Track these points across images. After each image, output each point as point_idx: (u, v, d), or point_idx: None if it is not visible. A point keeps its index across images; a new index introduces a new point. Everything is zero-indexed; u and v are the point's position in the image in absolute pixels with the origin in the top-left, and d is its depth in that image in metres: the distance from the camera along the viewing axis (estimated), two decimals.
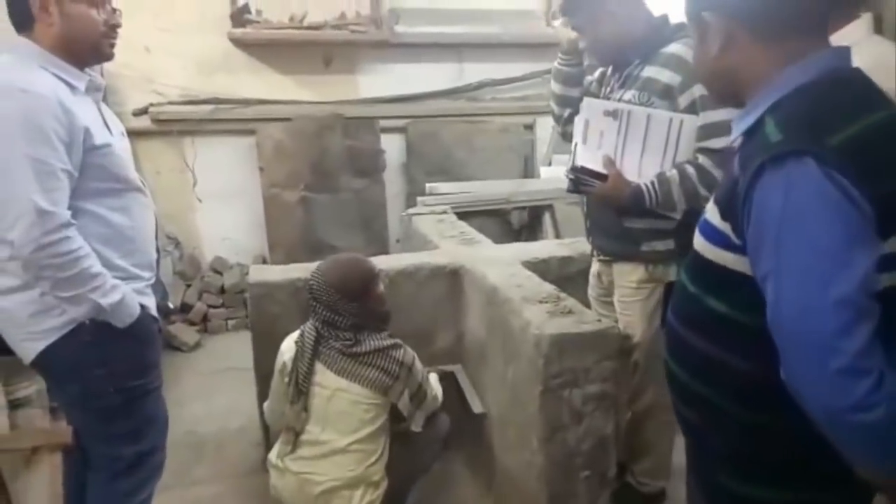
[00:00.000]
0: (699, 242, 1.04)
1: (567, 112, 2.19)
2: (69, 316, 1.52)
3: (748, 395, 0.97)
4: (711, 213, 1.01)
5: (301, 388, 1.82)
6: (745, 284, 0.92)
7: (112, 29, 1.60)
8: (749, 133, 0.98)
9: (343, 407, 1.81)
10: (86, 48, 1.57)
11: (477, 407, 2.31)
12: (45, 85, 1.45)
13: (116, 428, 1.65)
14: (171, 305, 1.94)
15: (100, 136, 1.52)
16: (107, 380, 1.59)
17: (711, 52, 1.00)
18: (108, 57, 1.62)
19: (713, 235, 0.99)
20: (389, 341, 1.87)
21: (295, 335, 1.94)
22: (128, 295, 1.56)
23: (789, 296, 0.84)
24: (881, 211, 0.81)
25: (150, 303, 1.67)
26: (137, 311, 1.58)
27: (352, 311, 1.83)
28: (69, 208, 1.47)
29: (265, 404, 2.08)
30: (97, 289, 1.50)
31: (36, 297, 1.50)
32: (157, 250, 1.75)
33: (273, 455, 1.93)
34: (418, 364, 1.91)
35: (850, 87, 0.92)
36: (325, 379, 1.83)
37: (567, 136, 2.22)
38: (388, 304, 1.94)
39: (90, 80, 1.59)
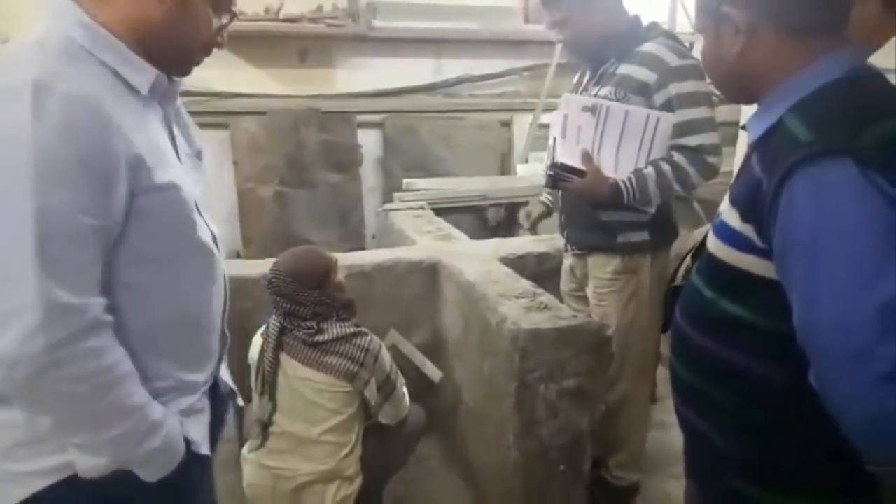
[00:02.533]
0: (715, 245, 0.99)
1: None
2: (68, 458, 0.95)
3: (769, 400, 0.94)
4: (728, 214, 0.96)
5: (266, 378, 1.82)
6: (768, 288, 0.89)
7: (217, 44, 1.09)
8: (766, 133, 0.94)
9: (309, 396, 1.81)
10: (175, 54, 1.04)
11: (434, 373, 2.28)
12: (80, 80, 0.89)
13: None
14: (240, 404, 1.34)
15: (162, 171, 0.98)
16: None
17: (732, 49, 0.95)
18: (188, 73, 1.10)
19: (733, 238, 0.94)
20: (353, 329, 1.85)
21: (262, 330, 1.93)
22: (170, 434, 1.01)
23: (825, 303, 0.80)
24: None
25: (199, 426, 1.11)
26: (179, 457, 1.04)
27: (313, 300, 1.81)
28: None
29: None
30: (130, 434, 0.96)
31: (19, 419, 0.93)
32: (224, 334, 1.23)
33: (245, 450, 1.91)
34: (386, 354, 1.89)
35: (875, 87, 0.90)
36: (290, 368, 1.82)
37: None
38: (348, 292, 1.93)
39: (158, 78, 1.01)
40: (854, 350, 0.78)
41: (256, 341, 1.92)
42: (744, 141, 2.83)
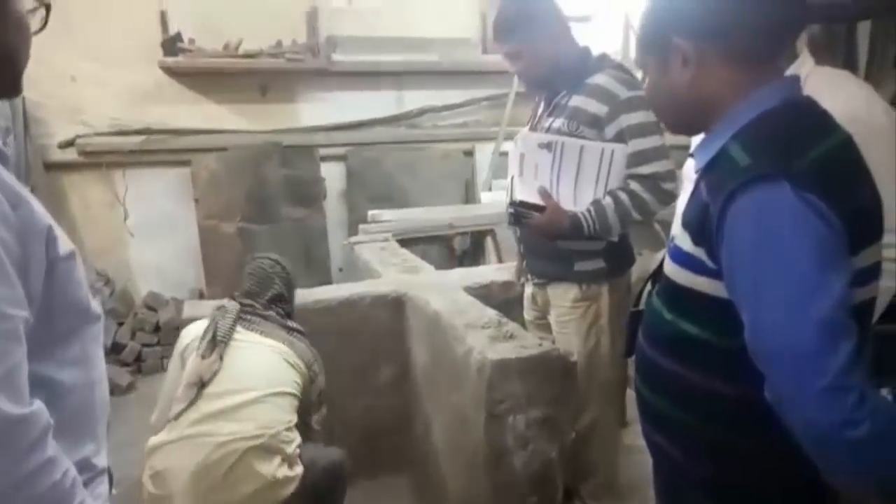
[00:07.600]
0: (671, 269, 1.02)
1: None
2: None
3: (734, 419, 0.96)
4: (681, 238, 1.00)
5: (220, 339, 1.82)
6: (722, 308, 0.92)
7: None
8: (712, 160, 0.97)
9: (267, 357, 1.85)
10: (10, 72, 0.88)
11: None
12: None
13: None
14: (113, 492, 1.07)
15: (62, 237, 0.86)
16: None
17: (681, 79, 0.98)
18: (20, 90, 0.92)
19: (686, 261, 0.98)
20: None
21: (197, 324, 1.94)
22: None
23: (769, 319, 0.83)
24: (848, 229, 0.83)
25: None
26: None
27: (293, 297, 2.10)
28: None
29: (152, 417, 1.93)
30: None
31: None
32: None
33: (156, 439, 1.76)
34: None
35: (809, 113, 0.95)
36: (249, 336, 1.88)
37: None
38: None
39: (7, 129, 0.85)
40: (797, 365, 0.81)
41: (190, 332, 1.93)
42: (691, 164, 2.91)
